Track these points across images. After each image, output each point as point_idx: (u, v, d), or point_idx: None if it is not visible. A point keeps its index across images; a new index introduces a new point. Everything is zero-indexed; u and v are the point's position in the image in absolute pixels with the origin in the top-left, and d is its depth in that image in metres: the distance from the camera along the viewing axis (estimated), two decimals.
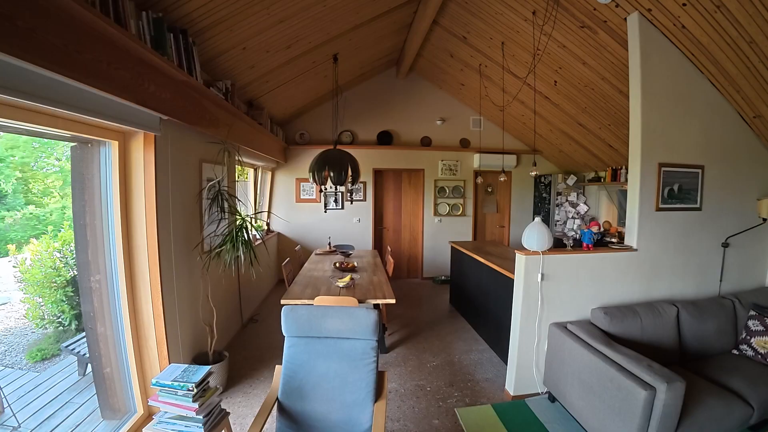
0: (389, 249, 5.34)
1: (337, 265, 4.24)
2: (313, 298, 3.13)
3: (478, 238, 6.92)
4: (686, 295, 3.32)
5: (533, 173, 3.76)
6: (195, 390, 1.82)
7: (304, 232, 6.33)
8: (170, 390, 1.84)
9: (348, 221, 6.39)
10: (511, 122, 6.29)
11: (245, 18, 2.98)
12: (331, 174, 4.02)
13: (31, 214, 3.33)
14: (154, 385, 1.86)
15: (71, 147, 2.33)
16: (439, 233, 6.65)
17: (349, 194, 4.44)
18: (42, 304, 3.05)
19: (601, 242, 3.07)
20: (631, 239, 3.08)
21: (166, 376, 1.87)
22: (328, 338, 2.20)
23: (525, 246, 2.77)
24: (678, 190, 3.28)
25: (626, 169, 5.57)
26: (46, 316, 3.07)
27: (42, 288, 2.98)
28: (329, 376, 2.11)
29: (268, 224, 6.04)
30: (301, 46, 3.89)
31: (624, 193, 5.69)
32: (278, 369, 2.18)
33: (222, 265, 3.18)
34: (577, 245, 4.34)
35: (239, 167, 5.06)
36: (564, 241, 2.71)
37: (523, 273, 2.79)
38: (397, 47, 5.41)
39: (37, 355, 2.96)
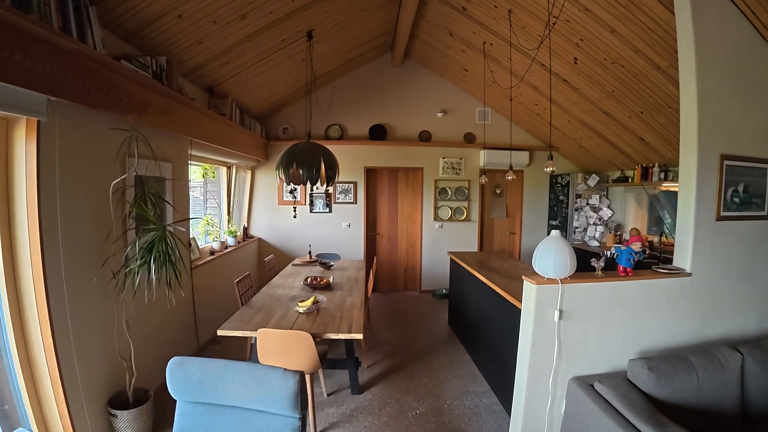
0: (375, 261, 4.59)
1: (309, 280, 3.53)
2: (259, 329, 2.43)
3: (485, 247, 6.10)
4: (747, 333, 2.50)
5: (549, 169, 2.97)
6: None
7: (287, 237, 5.64)
8: None
9: (336, 226, 5.67)
10: (522, 113, 5.47)
11: None
12: (301, 172, 3.31)
13: None
14: None
15: None
16: (439, 241, 5.87)
17: (326, 196, 3.71)
18: None
19: (640, 263, 2.26)
20: (683, 259, 2.25)
21: None
22: (232, 408, 1.49)
23: (537, 270, 1.98)
24: (743, 191, 2.44)
25: (659, 167, 4.69)
26: None
27: None
28: None
29: (245, 229, 5.38)
30: (260, 17, 3.19)
31: (668, 195, 4.76)
32: None
33: (148, 285, 2.50)
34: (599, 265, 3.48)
35: (206, 165, 4.42)
36: (594, 263, 1.89)
37: (533, 309, 2.00)
38: (388, 27, 4.67)
39: None
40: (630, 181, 5.32)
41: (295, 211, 3.49)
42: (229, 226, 4.81)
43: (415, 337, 4.17)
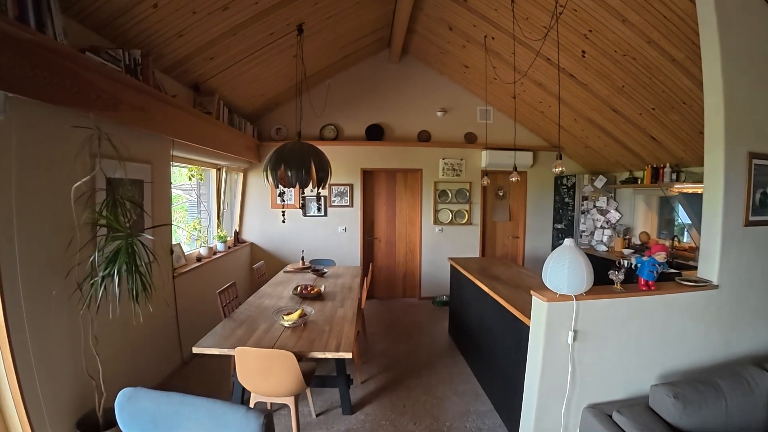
0: (371, 268, 4.36)
1: (298, 290, 3.30)
2: (237, 347, 2.21)
3: (487, 252, 5.86)
4: None
5: (558, 169, 2.73)
6: None
7: (281, 242, 5.42)
8: None
9: (332, 231, 5.45)
10: (526, 111, 5.24)
11: None
12: (289, 174, 3.10)
13: None
14: None
15: None
16: (440, 245, 5.63)
17: (317, 201, 3.49)
18: None
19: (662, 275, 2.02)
20: (709, 270, 2.01)
21: None
22: None
23: (548, 285, 1.75)
24: None
25: (671, 167, 4.44)
26: None
27: None
28: None
29: (237, 233, 5.16)
30: (244, 8, 2.98)
31: (690, 198, 4.47)
32: None
33: (113, 298, 2.28)
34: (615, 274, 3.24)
35: (193, 167, 4.20)
36: (613, 276, 1.64)
37: (543, 329, 1.76)
38: (384, 21, 4.46)
39: None
40: (639, 182, 5.08)
41: (284, 215, 3.28)
42: (219, 230, 4.59)
43: (413, 348, 3.94)
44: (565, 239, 1.70)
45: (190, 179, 4.04)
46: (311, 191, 3.30)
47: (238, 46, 3.43)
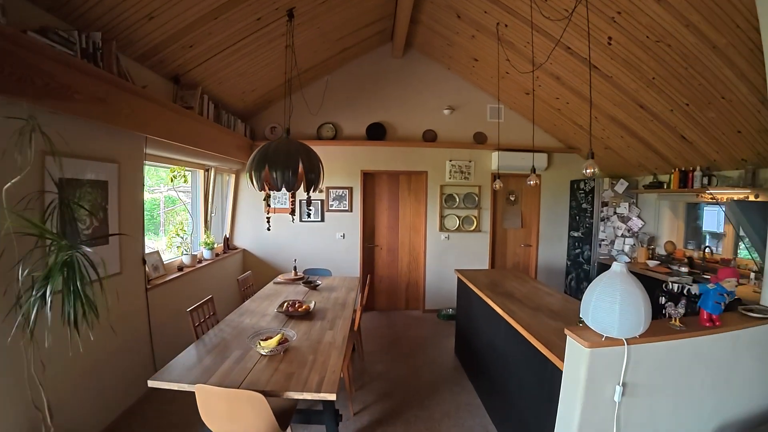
0: (369, 282, 3.96)
1: (284, 306, 2.92)
2: (203, 380, 1.83)
3: (497, 261, 5.43)
4: None
5: (589, 171, 2.30)
6: None
7: (276, 249, 5.06)
8: None
9: (329, 237, 5.07)
10: (541, 109, 4.82)
11: None
12: (275, 175, 2.72)
13: None
14: None
15: None
16: (446, 254, 5.22)
17: (307, 205, 3.11)
18: None
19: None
20: None
21: None
22: None
23: (591, 325, 1.33)
24: None
25: (702, 170, 3.98)
26: None
27: None
28: None
29: (227, 239, 4.81)
30: None
31: (744, 205, 3.90)
32: None
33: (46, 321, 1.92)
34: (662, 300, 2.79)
35: (177, 168, 3.86)
36: (670, 310, 1.22)
37: (582, 381, 1.34)
38: (386, 10, 4.08)
39: None
40: (666, 186, 4.62)
41: (268, 222, 2.90)
42: (206, 236, 4.24)
43: (415, 370, 3.53)
44: (614, 263, 1.29)
45: (171, 181, 3.69)
46: (306, 194, 2.91)
47: (220, 33, 3.08)
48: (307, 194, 2.92)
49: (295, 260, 4.20)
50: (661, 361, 1.36)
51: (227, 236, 4.83)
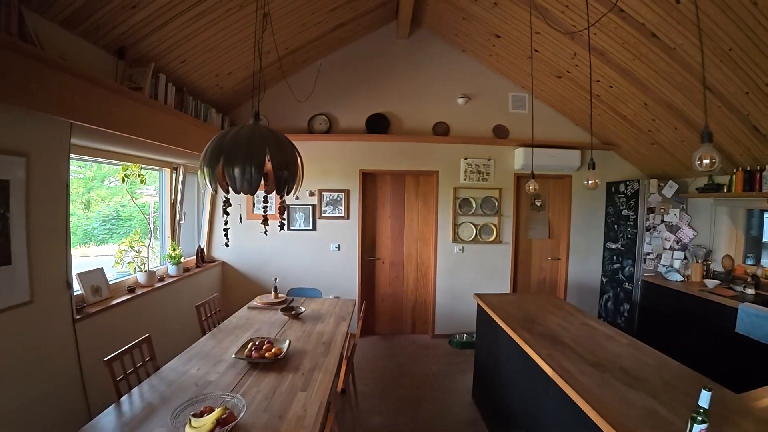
0: (364, 307, 3.20)
1: (249, 349, 2.17)
2: None
3: (520, 278, 4.63)
4: None
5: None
6: None
7: (260, 261, 4.34)
8: None
9: (322, 249, 4.33)
10: (572, 97, 4.05)
11: None
12: (232, 172, 1.99)
13: None
14: None
15: None
16: (460, 269, 4.44)
17: (279, 213, 2.36)
18: None
19: None
20: None
21: None
22: None
23: None
24: None
25: None
26: None
27: None
28: None
29: (202, 251, 4.09)
30: None
31: None
32: None
33: None
34: None
35: (132, 165, 3.15)
36: None
37: None
38: None
39: None
40: (726, 189, 3.81)
41: (226, 236, 2.15)
42: (171, 248, 3.52)
43: (421, 424, 2.75)
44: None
45: (123, 181, 2.99)
46: (279, 199, 2.16)
47: None
48: (281, 198, 2.17)
49: (276, 279, 3.45)
50: None
51: (202, 247, 4.12)
